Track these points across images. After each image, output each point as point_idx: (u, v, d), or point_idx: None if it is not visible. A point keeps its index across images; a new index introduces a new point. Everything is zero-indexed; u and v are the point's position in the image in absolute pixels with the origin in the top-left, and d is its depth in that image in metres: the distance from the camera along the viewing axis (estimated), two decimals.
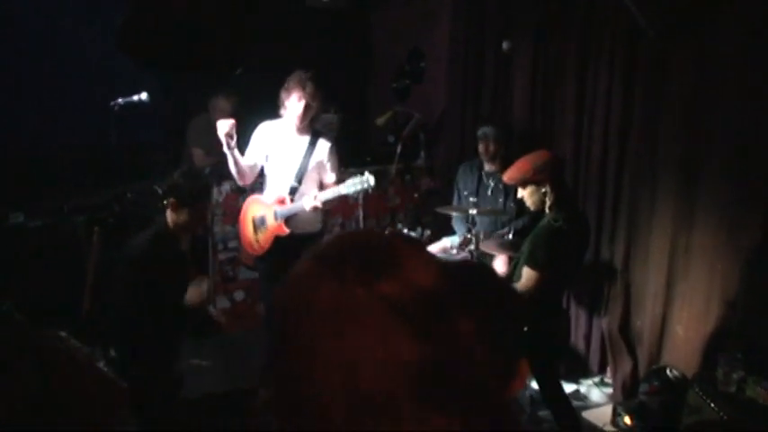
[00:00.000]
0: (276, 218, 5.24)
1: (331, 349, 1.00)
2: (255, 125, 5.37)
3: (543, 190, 4.28)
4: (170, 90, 6.50)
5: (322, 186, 5.33)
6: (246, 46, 5.28)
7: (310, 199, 5.07)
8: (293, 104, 5.11)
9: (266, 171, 5.38)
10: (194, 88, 6.72)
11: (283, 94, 5.13)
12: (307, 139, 5.28)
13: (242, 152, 5.23)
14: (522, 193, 4.38)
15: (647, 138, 5.09)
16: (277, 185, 5.32)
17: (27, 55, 5.95)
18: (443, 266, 1.11)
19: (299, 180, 5.28)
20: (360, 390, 0.99)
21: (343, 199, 5.64)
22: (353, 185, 5.01)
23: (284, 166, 5.28)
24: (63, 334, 2.73)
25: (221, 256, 6.28)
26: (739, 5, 4.31)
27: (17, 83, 5.98)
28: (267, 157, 5.31)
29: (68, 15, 5.79)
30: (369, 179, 4.98)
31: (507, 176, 4.42)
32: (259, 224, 5.36)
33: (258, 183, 5.56)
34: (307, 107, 5.11)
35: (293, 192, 5.27)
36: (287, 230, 5.23)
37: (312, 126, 5.32)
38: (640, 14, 4.42)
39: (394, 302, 1.00)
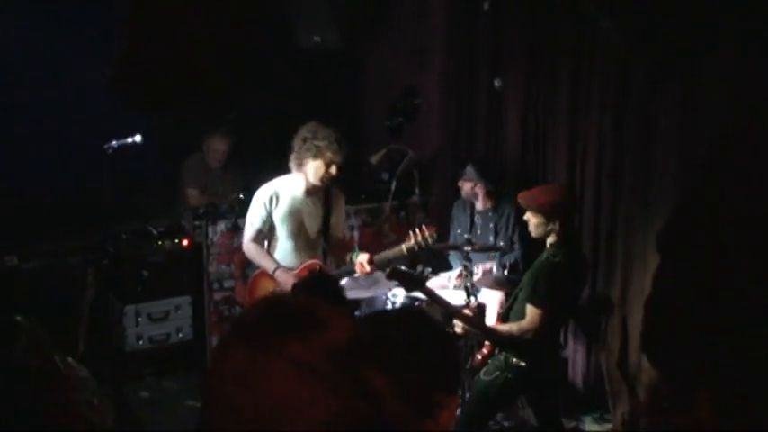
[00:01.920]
0: None
1: (240, 412, 1.05)
2: (249, 165, 5.35)
3: (551, 226, 4.28)
4: (164, 131, 6.51)
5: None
6: (239, 87, 5.28)
7: (363, 263, 4.75)
8: (319, 168, 4.70)
9: (278, 235, 4.98)
10: (188, 129, 6.74)
11: (305, 153, 4.70)
12: (321, 192, 4.96)
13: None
14: (529, 218, 4.37)
15: (640, 173, 5.11)
16: (294, 251, 4.95)
17: (20, 97, 5.96)
18: (365, 323, 1.18)
19: (327, 241, 4.98)
20: None
21: None
22: (412, 241, 4.68)
23: (303, 226, 4.95)
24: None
25: (217, 296, 6.24)
26: (723, 49, 4.36)
27: (10, 125, 5.99)
28: (276, 218, 4.93)
29: (62, 58, 5.82)
30: (428, 233, 4.65)
31: (522, 200, 4.43)
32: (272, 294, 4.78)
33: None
34: (334, 174, 4.75)
35: (325, 255, 4.98)
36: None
37: None
38: (629, 54, 4.46)
39: (302, 363, 1.06)
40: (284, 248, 4.96)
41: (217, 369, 1.11)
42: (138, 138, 5.59)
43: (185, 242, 6.25)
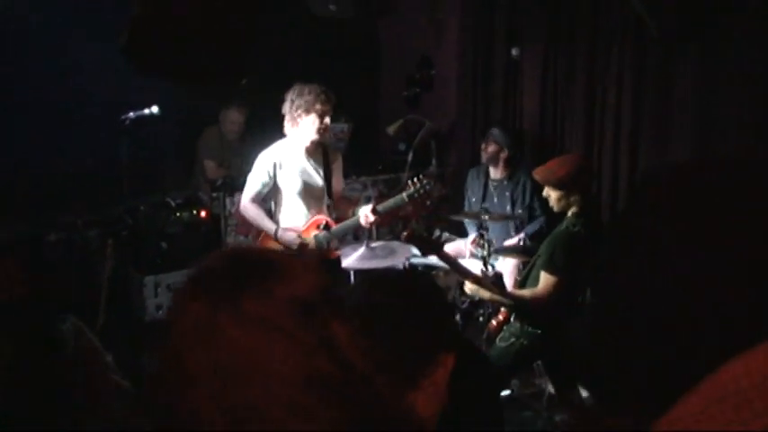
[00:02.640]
0: (322, 243, 5.04)
1: (198, 365, 1.02)
2: (265, 136, 5.35)
3: (572, 197, 4.24)
4: (181, 102, 6.52)
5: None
6: (253, 57, 5.26)
7: (367, 212, 4.91)
8: (313, 122, 4.85)
9: (284, 195, 5.11)
10: (205, 100, 6.75)
11: (296, 112, 4.85)
12: (320, 152, 5.12)
13: (245, 171, 5.19)
14: (550, 193, 4.33)
15: (657, 142, 5.08)
16: (304, 208, 5.10)
17: (37, 71, 5.98)
18: (358, 284, 1.14)
19: (331, 197, 5.14)
20: (235, 409, 1.00)
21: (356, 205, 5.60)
22: (413, 188, 4.85)
23: (309, 184, 5.09)
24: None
25: None
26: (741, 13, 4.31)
27: (27, 99, 6.01)
28: (282, 181, 5.06)
29: (77, 30, 5.82)
30: (425, 181, 4.84)
31: (539, 176, 4.35)
32: (297, 253, 4.96)
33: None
34: (329, 124, 4.95)
35: (329, 210, 5.14)
36: (339, 253, 5.08)
37: None
38: (649, 20, 4.41)
39: (262, 319, 1.03)
40: (291, 207, 5.10)
41: (175, 330, 1.07)
42: (155, 109, 5.61)
43: (203, 214, 6.27)
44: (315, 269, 1.15)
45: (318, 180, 5.10)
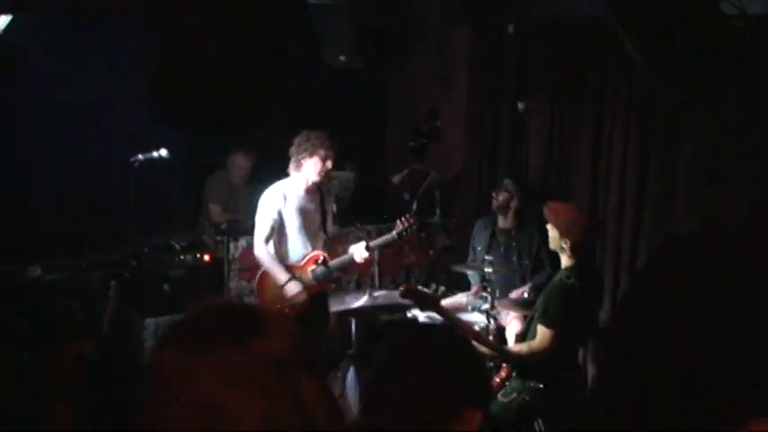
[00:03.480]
0: (319, 278, 5.40)
1: (171, 417, 1.05)
2: (271, 182, 5.43)
3: (564, 244, 4.28)
4: (189, 146, 6.57)
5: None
6: (267, 105, 5.34)
7: (360, 249, 5.35)
8: (317, 165, 5.23)
9: (288, 231, 5.43)
10: (213, 145, 6.80)
11: (304, 153, 5.23)
12: (317, 192, 5.49)
13: (250, 217, 5.49)
14: (549, 229, 4.40)
15: (662, 198, 5.10)
16: (303, 243, 5.44)
17: (47, 109, 6.03)
18: (299, 332, 1.17)
19: (326, 233, 5.55)
20: None
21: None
22: (402, 227, 5.38)
23: (309, 221, 5.44)
24: None
25: None
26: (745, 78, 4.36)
27: (36, 136, 6.06)
28: (285, 217, 5.38)
29: (89, 70, 5.89)
30: (413, 220, 5.36)
31: (547, 208, 4.46)
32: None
33: None
34: (330, 168, 5.31)
35: (325, 245, 5.50)
36: (332, 286, 5.53)
37: None
38: (658, 83, 4.46)
39: (236, 370, 1.06)
40: (293, 242, 5.45)
41: (151, 377, 1.11)
42: (163, 152, 5.67)
43: (207, 257, 6.27)
44: (290, 325, 1.18)
45: (316, 218, 5.49)
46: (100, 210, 6.13)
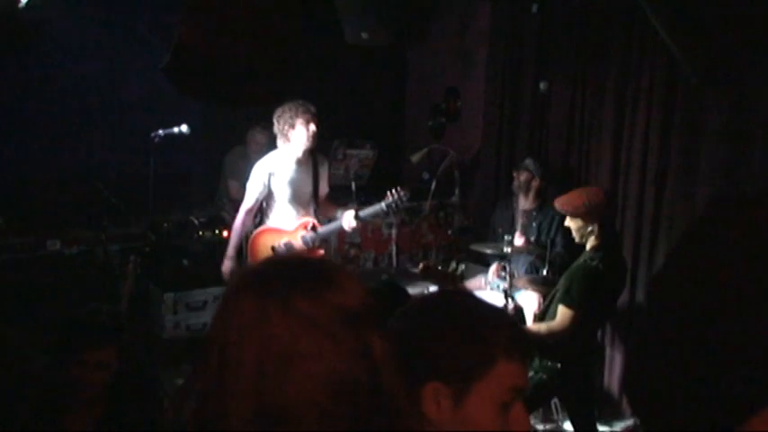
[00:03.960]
0: (308, 243, 5.54)
1: (242, 359, 1.05)
2: None
3: (590, 228, 4.29)
4: (209, 121, 6.58)
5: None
6: (288, 81, 5.37)
7: (350, 218, 5.44)
8: (303, 132, 5.36)
9: (276, 200, 5.61)
10: (233, 120, 6.81)
11: (286, 126, 5.36)
12: (310, 161, 5.60)
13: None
14: (570, 223, 4.39)
15: (685, 178, 5.07)
16: (293, 211, 5.61)
17: (68, 83, 6.05)
18: (371, 291, 1.16)
19: (317, 202, 5.70)
20: (266, 400, 1.03)
21: (376, 232, 6.05)
22: (391, 198, 5.42)
23: (299, 191, 5.59)
24: None
25: None
26: None
27: (58, 112, 6.08)
28: (275, 188, 5.56)
29: (110, 46, 5.90)
30: (402, 193, 5.40)
31: (558, 203, 4.44)
32: (284, 252, 5.48)
33: None
34: (317, 131, 5.42)
35: (315, 213, 5.67)
36: (322, 252, 5.60)
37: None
38: (682, 59, 4.41)
39: (310, 318, 1.06)
40: (283, 211, 5.62)
41: (221, 320, 1.11)
42: (184, 128, 5.66)
43: (225, 233, 6.29)
44: (361, 284, 1.18)
45: (307, 187, 5.62)
46: (120, 184, 6.14)
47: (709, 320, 0.91)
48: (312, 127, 5.38)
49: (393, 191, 5.44)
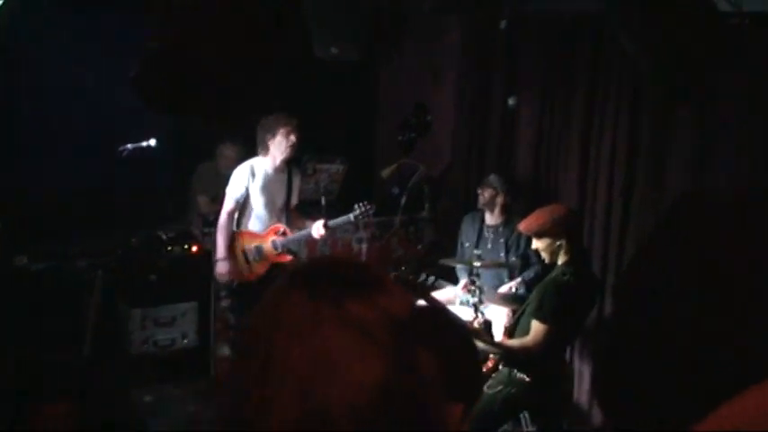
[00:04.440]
0: (277, 248, 5.73)
1: (290, 360, 1.02)
2: None
3: (558, 243, 4.31)
4: (178, 137, 6.55)
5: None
6: (259, 97, 5.37)
7: (319, 227, 5.64)
8: (282, 141, 5.57)
9: (252, 206, 5.74)
10: (202, 135, 6.79)
11: (267, 135, 5.59)
12: (286, 171, 5.83)
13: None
14: (537, 244, 4.41)
15: (651, 195, 5.12)
16: (266, 218, 5.76)
17: (34, 97, 6.01)
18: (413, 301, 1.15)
19: (290, 210, 5.91)
20: (310, 403, 1.00)
21: (346, 246, 6.25)
22: (359, 210, 5.70)
23: (273, 199, 5.76)
24: None
25: (223, 303, 6.25)
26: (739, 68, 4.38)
27: (24, 125, 6.03)
28: (252, 192, 5.69)
29: (77, 59, 5.86)
30: (369, 205, 5.69)
31: (523, 226, 4.46)
32: (254, 255, 5.75)
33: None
34: (297, 143, 5.63)
35: (287, 221, 5.84)
36: (289, 258, 5.77)
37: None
38: (650, 74, 4.48)
39: (361, 323, 1.03)
40: (257, 216, 5.77)
41: (268, 319, 1.09)
42: (152, 142, 5.66)
43: (194, 248, 6.27)
44: (408, 294, 1.18)
45: (281, 196, 5.83)
46: (87, 199, 6.09)
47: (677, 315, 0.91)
48: (293, 138, 5.59)
49: (361, 204, 5.71)
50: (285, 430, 1.01)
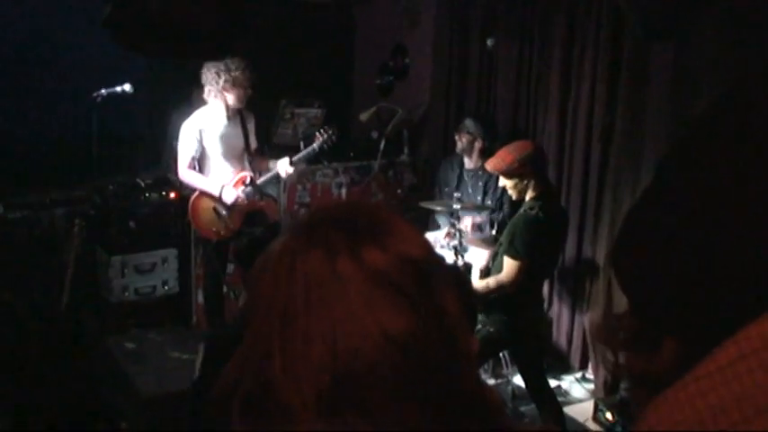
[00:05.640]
0: (250, 196, 5.59)
1: (312, 319, 0.98)
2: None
3: (525, 182, 4.32)
4: (154, 81, 6.46)
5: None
6: (234, 40, 5.29)
7: (285, 164, 5.54)
8: (238, 95, 5.40)
9: (210, 157, 5.59)
10: (178, 79, 6.69)
11: (223, 85, 5.34)
12: (237, 116, 5.61)
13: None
14: (505, 182, 4.42)
15: (630, 136, 5.12)
16: (228, 167, 5.60)
17: (5, 45, 5.89)
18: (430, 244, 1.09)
19: (251, 154, 5.74)
20: (339, 362, 0.96)
21: (326, 192, 6.11)
22: (321, 138, 5.58)
23: (231, 146, 5.59)
24: None
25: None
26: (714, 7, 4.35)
27: None
28: (207, 144, 5.53)
29: (48, 3, 5.74)
30: (331, 131, 5.57)
31: (490, 166, 4.46)
32: (224, 210, 5.58)
33: None
34: (251, 93, 5.49)
35: (251, 166, 5.72)
36: (263, 203, 5.75)
37: None
38: (629, 13, 4.44)
39: (381, 272, 0.99)
40: (217, 167, 5.60)
41: (279, 281, 1.02)
42: (127, 87, 5.55)
43: (173, 195, 6.23)
44: (421, 233, 1.10)
45: (239, 142, 5.64)
46: (63, 146, 6.02)
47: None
48: (250, 92, 5.47)
49: (321, 130, 5.62)
50: (318, 394, 0.96)
